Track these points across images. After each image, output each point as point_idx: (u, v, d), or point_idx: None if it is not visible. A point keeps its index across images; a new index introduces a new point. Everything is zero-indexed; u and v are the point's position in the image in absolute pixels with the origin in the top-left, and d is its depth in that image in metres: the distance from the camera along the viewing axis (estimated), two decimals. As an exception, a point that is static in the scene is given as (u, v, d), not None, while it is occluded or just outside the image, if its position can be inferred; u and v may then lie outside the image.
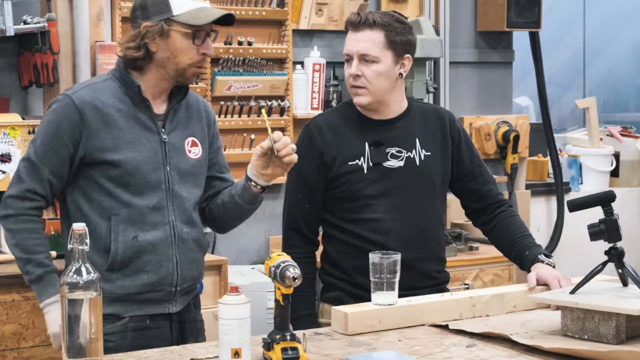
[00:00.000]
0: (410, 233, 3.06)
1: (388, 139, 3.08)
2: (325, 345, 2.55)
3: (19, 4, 4.25)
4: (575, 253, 5.80)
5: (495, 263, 4.89)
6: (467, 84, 5.69)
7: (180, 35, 2.80)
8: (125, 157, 2.77)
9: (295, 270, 2.36)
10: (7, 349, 3.75)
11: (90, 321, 2.20)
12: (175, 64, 2.82)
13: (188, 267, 2.87)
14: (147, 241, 2.79)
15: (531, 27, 5.67)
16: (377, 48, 3.01)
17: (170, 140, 2.86)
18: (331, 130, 3.10)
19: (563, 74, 8.96)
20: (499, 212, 3.20)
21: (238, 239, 5.00)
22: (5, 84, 4.37)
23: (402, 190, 3.07)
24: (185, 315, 2.92)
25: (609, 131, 6.47)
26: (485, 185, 3.20)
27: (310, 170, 3.09)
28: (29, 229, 2.78)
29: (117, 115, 2.79)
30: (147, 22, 2.79)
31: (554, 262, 3.03)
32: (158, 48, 2.80)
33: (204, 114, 3.01)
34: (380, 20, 3.02)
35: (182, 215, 2.86)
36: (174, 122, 2.89)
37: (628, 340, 2.51)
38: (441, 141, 3.14)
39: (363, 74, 3.02)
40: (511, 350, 2.50)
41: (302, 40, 5.16)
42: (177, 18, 2.78)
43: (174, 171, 2.85)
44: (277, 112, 5.01)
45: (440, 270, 3.15)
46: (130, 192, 2.78)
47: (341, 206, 3.09)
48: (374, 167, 3.05)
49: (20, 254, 2.78)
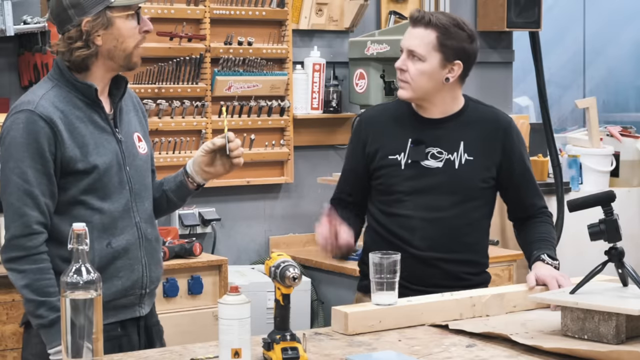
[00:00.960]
0: (436, 233, 3.07)
1: (431, 139, 3.09)
2: (325, 345, 2.55)
3: (19, 4, 4.25)
4: (575, 253, 5.79)
5: (495, 263, 4.89)
6: (467, 84, 5.65)
7: (122, 19, 2.69)
8: (93, 163, 2.67)
9: (295, 270, 2.36)
10: (7, 349, 3.75)
11: (90, 321, 2.20)
12: (123, 51, 2.71)
13: (154, 267, 2.82)
14: (120, 246, 2.72)
15: (531, 27, 5.67)
16: (425, 47, 3.03)
17: (123, 139, 2.77)
18: (379, 122, 3.16)
19: (563, 74, 8.96)
20: (534, 220, 3.21)
21: (238, 239, 5.01)
22: (5, 84, 4.38)
23: (435, 191, 3.08)
24: (150, 319, 2.87)
25: (609, 131, 6.47)
26: (530, 199, 3.19)
27: (356, 159, 3.18)
28: (41, 269, 2.61)
29: (77, 122, 2.68)
30: (86, 17, 2.66)
31: (557, 263, 3.02)
32: (102, 40, 2.68)
33: (139, 107, 2.92)
34: (436, 21, 3.02)
35: (144, 215, 2.80)
36: (121, 119, 2.79)
37: (628, 340, 2.51)
38: (490, 148, 3.12)
39: (407, 70, 3.05)
40: (511, 350, 2.50)
41: (302, 40, 5.16)
42: (116, 3, 2.67)
43: (133, 170, 2.78)
44: (277, 112, 5.01)
45: (473, 272, 3.14)
46: (99, 197, 2.69)
47: (379, 198, 3.14)
48: (411, 165, 3.08)
49: (33, 296, 2.60)
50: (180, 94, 4.73)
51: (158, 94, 4.68)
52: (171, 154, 4.72)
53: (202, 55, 4.76)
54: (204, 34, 4.79)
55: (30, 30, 4.17)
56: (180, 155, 4.74)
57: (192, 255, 4.34)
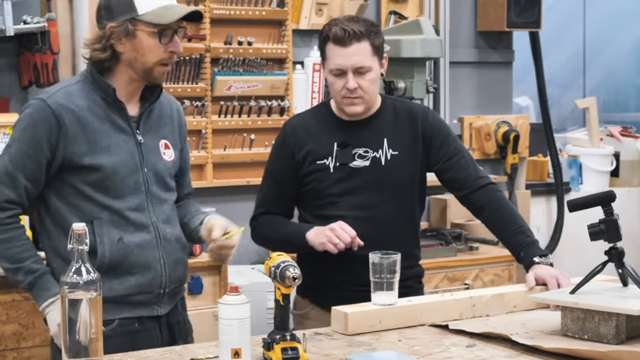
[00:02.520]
0: (371, 230, 3.09)
1: (356, 140, 3.15)
2: (325, 345, 2.55)
3: (19, 4, 4.25)
4: (575, 253, 5.80)
5: (495, 263, 4.89)
6: (467, 84, 5.69)
7: (146, 34, 2.74)
8: (103, 161, 2.72)
9: (295, 270, 2.37)
10: (7, 349, 3.75)
11: (90, 321, 2.20)
12: (142, 64, 2.76)
13: (174, 267, 2.84)
14: (134, 243, 2.75)
15: (531, 27, 5.67)
16: (368, 58, 3.07)
17: (145, 142, 2.82)
18: (304, 130, 3.18)
19: (563, 74, 8.96)
20: (485, 202, 3.16)
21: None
22: (5, 84, 4.37)
23: (365, 189, 3.12)
24: (173, 317, 2.90)
25: (609, 131, 6.47)
26: (462, 172, 3.19)
27: (282, 169, 3.19)
28: (11, 237, 2.71)
29: (93, 118, 2.74)
30: (111, 22, 2.74)
31: (550, 260, 3.02)
32: (125, 49, 2.75)
33: (176, 117, 2.97)
34: (364, 30, 3.06)
35: (162, 216, 2.84)
36: (147, 123, 2.85)
37: (628, 340, 2.51)
38: (412, 140, 3.18)
39: (359, 86, 3.07)
40: (511, 350, 2.50)
41: (302, 40, 5.16)
42: (142, 17, 2.73)
43: (151, 172, 2.82)
44: (277, 112, 5.01)
45: (407, 266, 3.12)
46: (110, 195, 2.74)
47: (311, 203, 3.18)
48: (340, 167, 3.13)
49: (8, 265, 2.73)
50: (180, 93, 4.73)
51: (158, 94, 4.68)
52: (171, 154, 4.72)
53: (202, 55, 4.76)
54: (204, 34, 4.78)
55: (30, 30, 4.16)
56: (180, 155, 4.74)
57: (192, 255, 4.34)
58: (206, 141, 4.82)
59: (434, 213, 5.44)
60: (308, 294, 3.21)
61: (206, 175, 4.83)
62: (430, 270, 4.65)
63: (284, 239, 3.15)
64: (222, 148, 4.88)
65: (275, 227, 3.19)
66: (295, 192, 3.19)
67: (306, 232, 3.08)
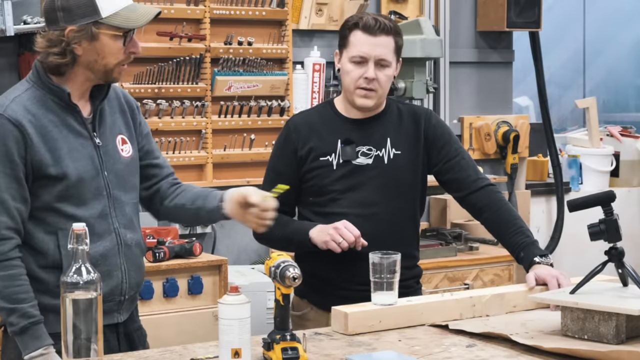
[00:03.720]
0: (373, 228, 3.10)
1: (360, 138, 3.16)
2: (325, 345, 2.55)
3: (19, 4, 4.25)
4: (575, 253, 5.80)
5: (495, 263, 4.89)
6: (467, 84, 5.69)
7: (108, 37, 2.61)
8: (66, 169, 2.60)
9: (295, 270, 2.37)
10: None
11: (90, 321, 2.20)
12: (103, 66, 2.63)
13: (134, 273, 2.76)
14: (98, 253, 2.64)
15: (531, 27, 5.67)
16: (391, 54, 3.12)
17: (103, 144, 2.70)
18: (308, 127, 3.20)
19: (563, 74, 8.96)
20: (485, 203, 3.17)
21: (238, 239, 5.01)
22: (5, 84, 4.36)
23: (367, 187, 3.14)
24: (130, 325, 2.81)
25: (609, 131, 6.47)
26: (462, 172, 3.21)
27: (285, 165, 3.20)
28: (11, 275, 2.54)
29: (50, 126, 2.61)
30: (72, 25, 2.58)
31: (550, 260, 3.02)
32: (83, 51, 2.61)
33: (126, 106, 2.82)
34: (393, 27, 3.12)
35: (124, 221, 2.73)
36: (102, 123, 2.72)
37: (628, 340, 2.51)
38: (414, 140, 3.20)
39: (377, 78, 3.09)
40: (511, 350, 2.50)
41: (302, 40, 5.16)
42: (106, 21, 2.60)
43: (112, 175, 2.70)
44: (277, 112, 5.01)
45: (407, 266, 3.13)
46: (73, 204, 2.63)
47: (313, 200, 3.19)
48: (343, 164, 3.14)
49: (3, 304, 2.53)
50: (180, 94, 4.73)
51: (158, 94, 4.68)
52: (171, 153, 4.72)
53: (202, 55, 4.76)
54: (204, 34, 4.78)
55: (30, 30, 4.16)
56: (180, 155, 4.74)
57: (192, 255, 4.34)
58: (206, 141, 4.82)
59: (434, 213, 5.44)
60: (307, 295, 3.20)
61: (206, 175, 4.83)
62: (430, 270, 4.65)
63: (287, 237, 3.15)
64: (222, 148, 4.88)
65: (277, 225, 3.18)
66: (297, 189, 3.19)
67: (309, 230, 3.08)
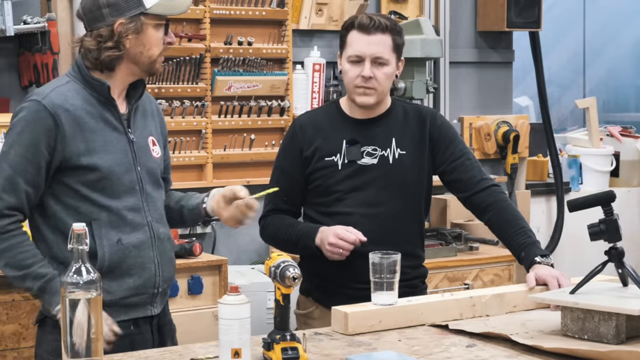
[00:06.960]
0: (377, 228, 3.11)
1: (365, 138, 3.17)
2: (325, 345, 2.55)
3: (19, 4, 4.25)
4: (575, 253, 5.80)
5: (495, 263, 4.89)
6: (467, 84, 5.69)
7: (151, 27, 2.73)
8: (100, 160, 2.69)
9: (295, 270, 2.37)
10: (7, 349, 3.75)
11: (90, 321, 2.20)
12: (148, 57, 2.74)
13: (167, 267, 2.83)
14: (131, 244, 2.73)
15: (531, 27, 5.67)
16: (388, 51, 3.12)
17: (136, 140, 2.79)
18: (313, 127, 3.21)
19: (563, 74, 8.96)
20: (488, 203, 3.18)
21: (238, 239, 5.01)
22: (5, 84, 4.37)
23: (372, 187, 3.15)
24: (163, 318, 2.88)
25: (609, 131, 6.47)
26: (466, 173, 3.21)
27: (291, 165, 3.21)
28: (14, 244, 2.64)
29: (88, 117, 2.70)
30: (120, 18, 2.70)
31: (551, 261, 3.02)
32: (130, 44, 2.71)
33: (157, 113, 2.95)
34: (390, 25, 3.12)
35: (156, 215, 2.82)
36: (136, 121, 2.82)
37: (628, 340, 2.51)
38: (419, 141, 3.21)
39: (374, 76, 3.10)
40: (511, 350, 2.50)
41: (302, 40, 5.16)
42: (150, 10, 2.71)
43: (144, 171, 2.80)
44: (277, 112, 5.01)
45: (412, 265, 3.16)
46: (107, 195, 2.70)
47: (318, 200, 3.19)
48: (348, 164, 3.15)
49: (14, 272, 2.64)
50: (180, 94, 4.73)
51: (158, 93, 4.68)
52: (171, 153, 4.72)
53: (202, 55, 4.76)
54: (204, 34, 4.78)
55: (30, 30, 4.16)
56: (180, 155, 4.74)
57: (192, 255, 4.34)
58: (206, 141, 4.82)
59: (434, 213, 5.44)
60: (312, 293, 3.22)
61: (206, 175, 4.83)
62: (430, 270, 4.60)
63: (293, 240, 3.16)
64: (222, 148, 4.89)
65: (284, 227, 3.19)
66: (303, 189, 3.20)
67: (315, 238, 3.09)
